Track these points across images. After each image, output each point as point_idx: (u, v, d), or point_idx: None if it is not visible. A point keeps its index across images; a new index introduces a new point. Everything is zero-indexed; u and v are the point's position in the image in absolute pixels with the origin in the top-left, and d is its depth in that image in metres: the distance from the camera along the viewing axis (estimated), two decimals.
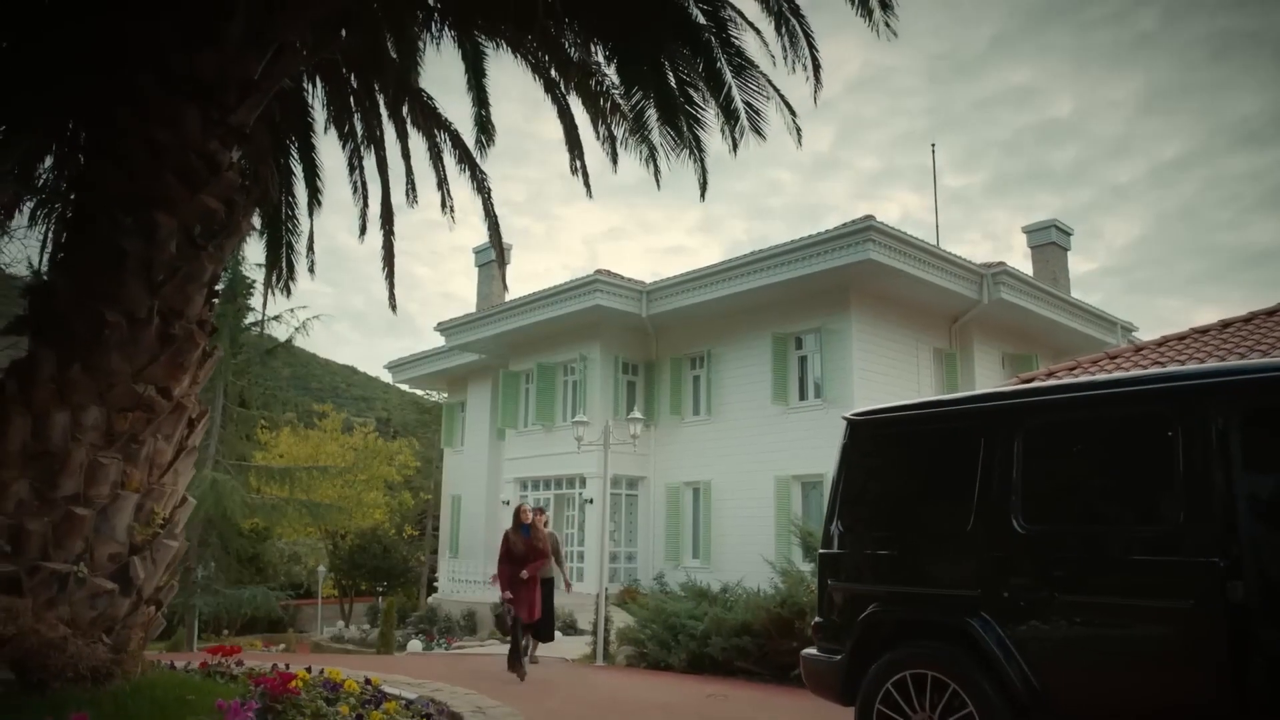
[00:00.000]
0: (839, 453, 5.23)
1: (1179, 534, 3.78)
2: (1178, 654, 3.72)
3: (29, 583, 4.08)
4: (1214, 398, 3.80)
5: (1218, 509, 3.68)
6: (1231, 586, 3.56)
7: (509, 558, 9.11)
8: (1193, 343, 11.87)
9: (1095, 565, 4.04)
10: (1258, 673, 3.45)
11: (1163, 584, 3.78)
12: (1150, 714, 3.82)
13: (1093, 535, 4.12)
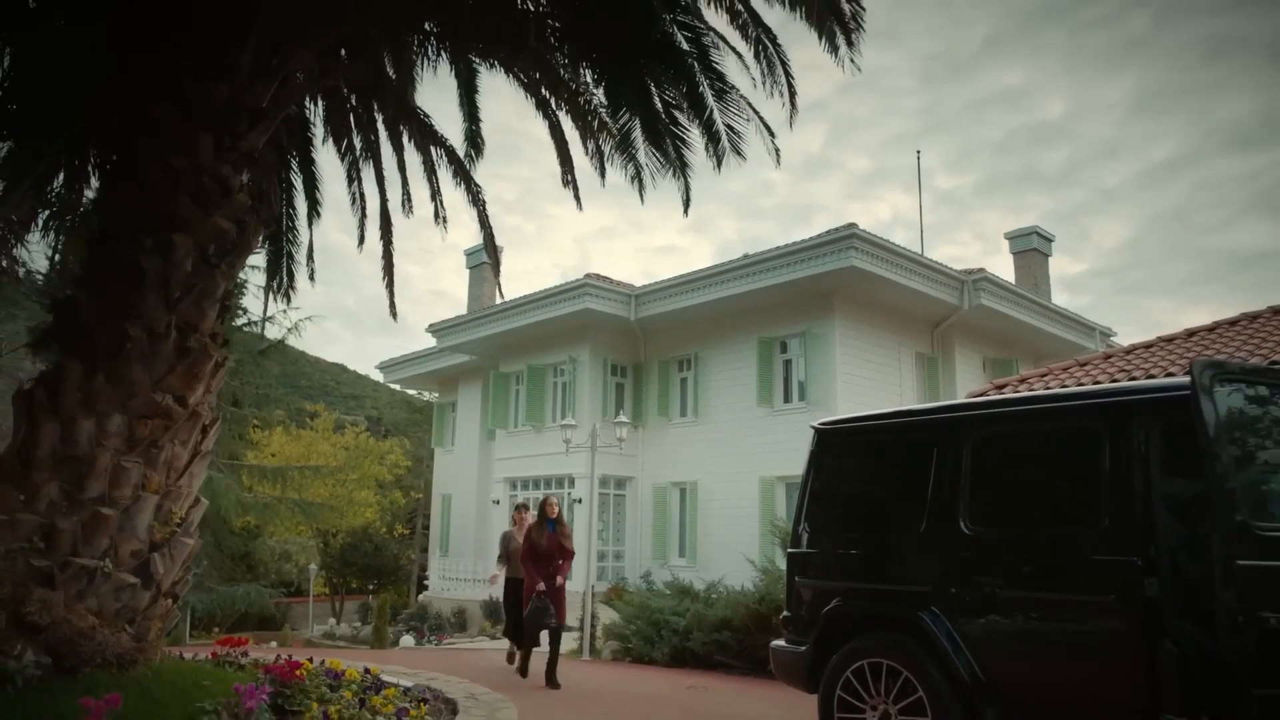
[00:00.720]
0: (807, 458, 5.64)
1: (1104, 536, 4.19)
2: (1101, 644, 4.13)
3: (61, 577, 4.44)
4: (1136, 413, 4.22)
5: (1138, 514, 4.09)
6: (1148, 583, 3.98)
7: (533, 556, 8.41)
8: (1158, 350, 12.33)
9: (1032, 564, 4.46)
10: (1168, 660, 3.87)
11: (1090, 581, 4.20)
12: (1079, 698, 4.23)
13: (1030, 536, 4.54)
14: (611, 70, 7.48)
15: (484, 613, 19.06)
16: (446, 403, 28.32)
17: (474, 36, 7.58)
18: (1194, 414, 3.79)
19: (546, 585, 8.22)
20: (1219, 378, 3.92)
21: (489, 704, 5.15)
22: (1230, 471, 3.80)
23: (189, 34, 5.42)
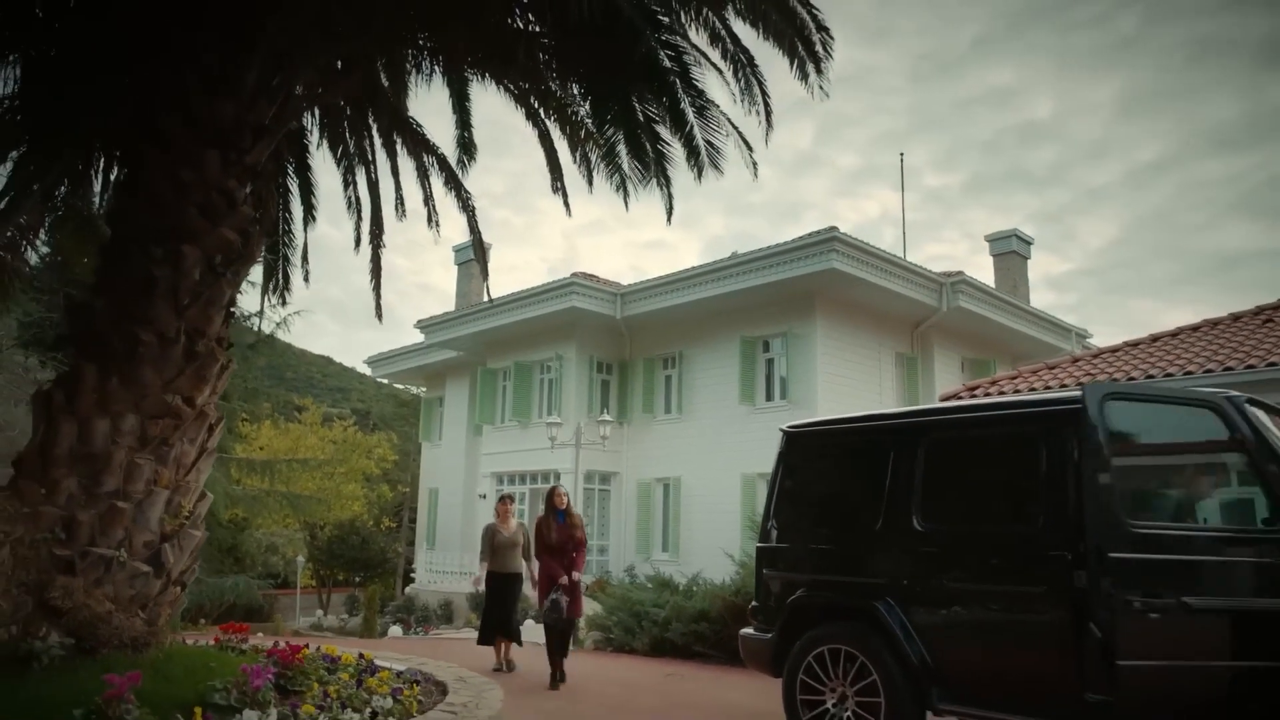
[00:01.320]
0: (776, 459, 6.03)
1: (1040, 532, 4.61)
2: (1036, 631, 4.54)
3: (80, 565, 4.79)
4: (1068, 421, 4.63)
5: (1069, 512, 4.50)
6: (1076, 575, 4.39)
7: (546, 550, 8.02)
8: (1123, 354, 12.80)
9: (976, 558, 4.87)
10: (1092, 644, 4.28)
11: (1026, 573, 4.61)
12: (1016, 681, 4.64)
13: (975, 533, 4.95)
14: (597, 87, 7.83)
15: (470, 605, 19.40)
16: (434, 397, 28.62)
17: (467, 52, 7.91)
18: (1083, 428, 4.27)
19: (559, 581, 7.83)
20: (1108, 397, 4.37)
21: (476, 685, 5.52)
22: (1109, 477, 4.33)
23: (197, 54, 5.74)
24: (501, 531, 9.02)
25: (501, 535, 8.98)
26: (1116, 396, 4.50)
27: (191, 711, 4.13)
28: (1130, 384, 4.68)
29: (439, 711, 4.75)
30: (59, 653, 4.47)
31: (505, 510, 9.35)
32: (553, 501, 8.28)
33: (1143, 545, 4.21)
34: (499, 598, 8.87)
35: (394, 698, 4.85)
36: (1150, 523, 4.37)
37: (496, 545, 8.94)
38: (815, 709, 5.25)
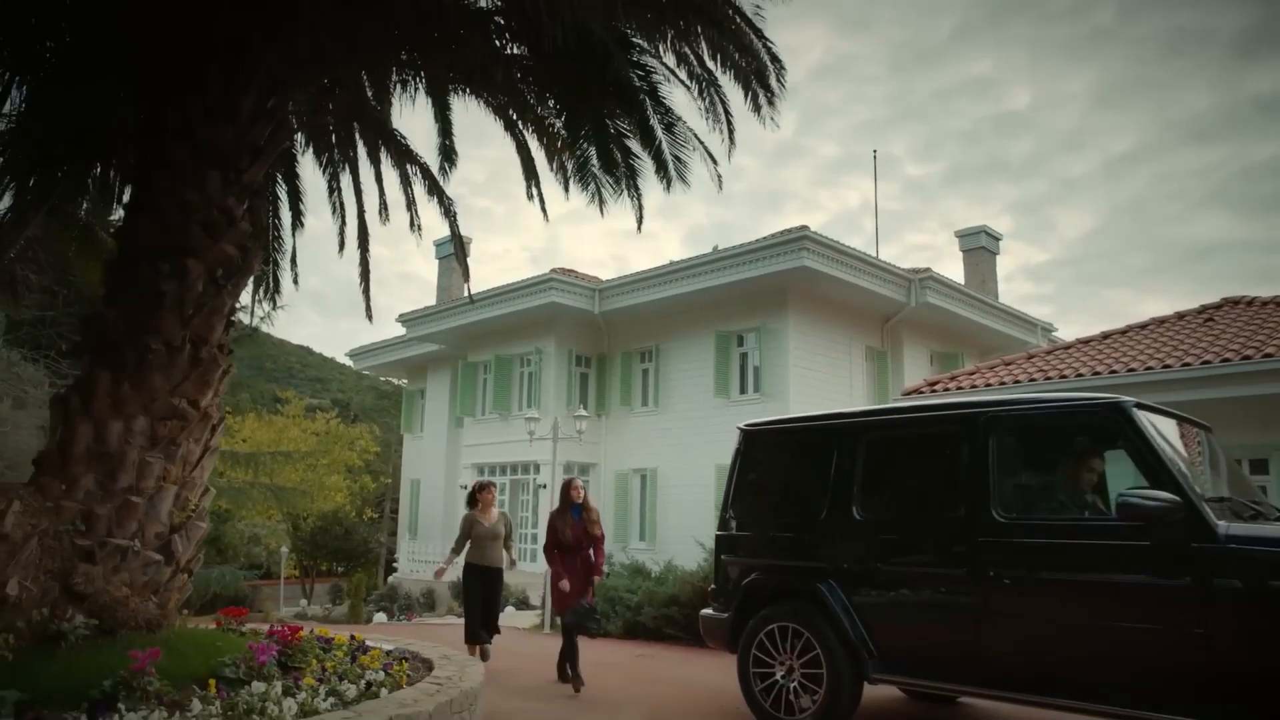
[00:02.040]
0: (733, 454, 6.61)
1: (961, 520, 5.20)
2: (955, 608, 5.14)
3: (100, 554, 5.28)
4: (986, 422, 5.22)
5: (985, 502, 5.10)
6: (992, 559, 4.99)
7: (559, 546, 7.65)
8: (1075, 352, 13.47)
9: (906, 544, 5.47)
10: (999, 620, 4.89)
11: (949, 557, 5.21)
12: (939, 650, 5.24)
13: (906, 521, 5.55)
14: (571, 104, 8.32)
15: (452, 593, 19.92)
16: (415, 390, 29.04)
17: (448, 72, 8.38)
18: (977, 441, 4.91)
19: (576, 581, 7.51)
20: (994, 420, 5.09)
21: (459, 662, 6.05)
22: (991, 479, 5.08)
23: (202, 85, 6.20)
24: (482, 521, 8.40)
25: (482, 525, 8.38)
26: (1000, 413, 5.21)
27: (205, 683, 4.65)
28: (1033, 395, 5.37)
29: (426, 683, 5.29)
30: (84, 632, 4.96)
31: (487, 499, 8.67)
32: (569, 495, 7.78)
33: (1027, 532, 4.86)
34: (481, 593, 8.34)
35: (385, 671, 5.37)
36: (1037, 515, 5.02)
37: (476, 536, 8.38)
38: (766, 680, 5.84)
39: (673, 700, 6.81)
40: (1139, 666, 4.46)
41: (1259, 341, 10.98)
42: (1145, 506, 4.34)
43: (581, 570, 7.68)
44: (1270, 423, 10.86)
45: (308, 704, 4.49)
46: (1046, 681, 4.78)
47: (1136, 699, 4.44)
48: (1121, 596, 4.59)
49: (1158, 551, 4.43)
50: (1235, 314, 12.93)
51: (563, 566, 7.55)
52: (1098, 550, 4.70)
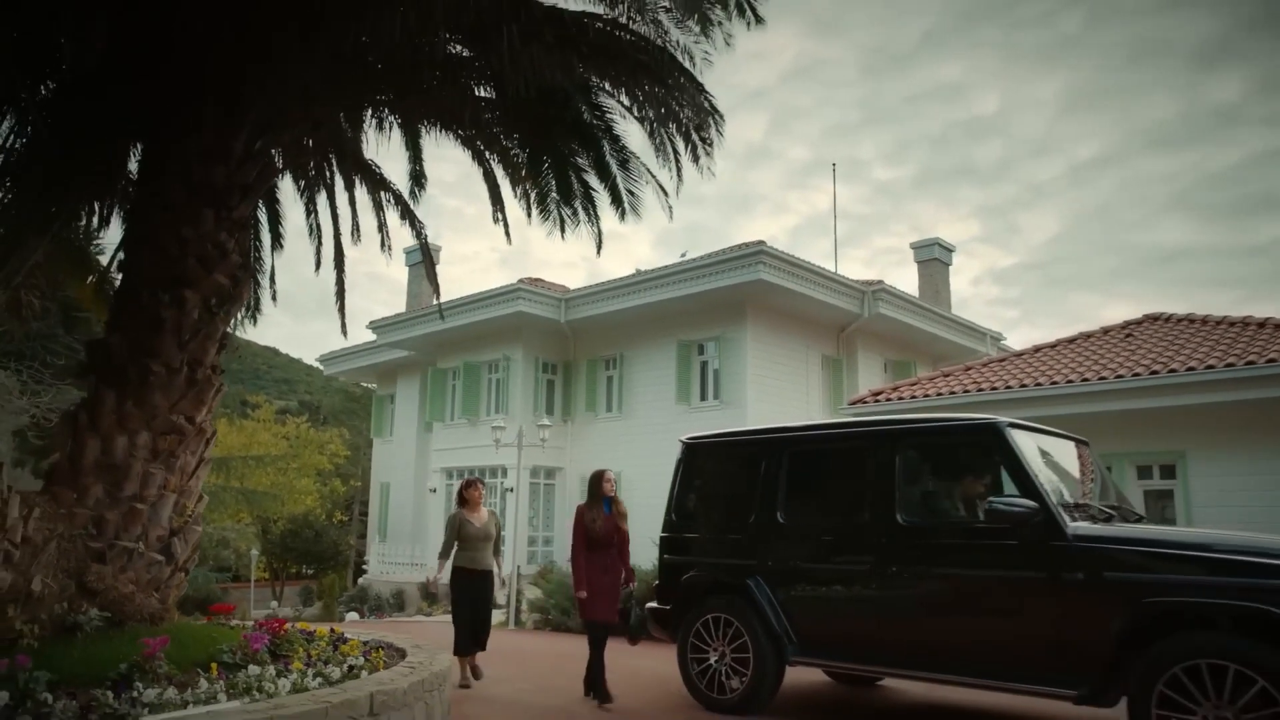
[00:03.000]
0: (676, 464, 7.39)
1: (869, 523, 6.02)
2: (863, 600, 5.96)
3: (109, 555, 5.93)
4: (888, 438, 6.05)
5: (890, 507, 5.92)
6: (893, 556, 5.81)
7: (589, 543, 7.05)
8: (1009, 365, 14.43)
9: (823, 544, 6.28)
10: (898, 609, 5.71)
11: (858, 556, 6.02)
12: (850, 638, 6.05)
13: (823, 524, 6.36)
14: (534, 142, 9.06)
15: (421, 594, 20.56)
16: (385, 394, 29.57)
17: (421, 111, 9.09)
18: (883, 455, 5.77)
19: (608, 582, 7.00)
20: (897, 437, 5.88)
21: (430, 651, 6.75)
22: (895, 488, 5.89)
23: (196, 127, 6.88)
24: (472, 521, 7.74)
25: (472, 526, 7.73)
26: (907, 431, 6.05)
27: (207, 667, 5.34)
28: (930, 415, 6.24)
29: (401, 667, 6.00)
30: (97, 624, 5.62)
31: (476, 496, 8.02)
32: (601, 487, 7.16)
33: (923, 533, 5.70)
34: (471, 600, 7.72)
35: (364, 657, 6.08)
36: (931, 518, 5.86)
37: (466, 538, 7.71)
38: (701, 664, 6.64)
39: (622, 684, 7.57)
40: (1010, 645, 5.30)
41: (1167, 357, 11.98)
42: (1009, 511, 5.17)
43: (612, 569, 7.09)
44: (1176, 431, 11.86)
45: (298, 683, 5.20)
46: (938, 660, 5.61)
47: (1008, 673, 5.29)
48: (996, 587, 5.44)
49: (1022, 549, 5.27)
50: (1154, 330, 13.96)
51: (590, 566, 6.96)
52: (978, 548, 5.54)
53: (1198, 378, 11.03)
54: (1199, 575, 4.71)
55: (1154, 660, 4.65)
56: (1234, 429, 11.39)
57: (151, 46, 6.60)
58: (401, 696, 5.27)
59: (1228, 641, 4.47)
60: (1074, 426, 12.06)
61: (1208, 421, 11.54)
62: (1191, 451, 11.77)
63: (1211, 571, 4.68)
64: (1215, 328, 13.02)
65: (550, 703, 7.00)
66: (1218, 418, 11.45)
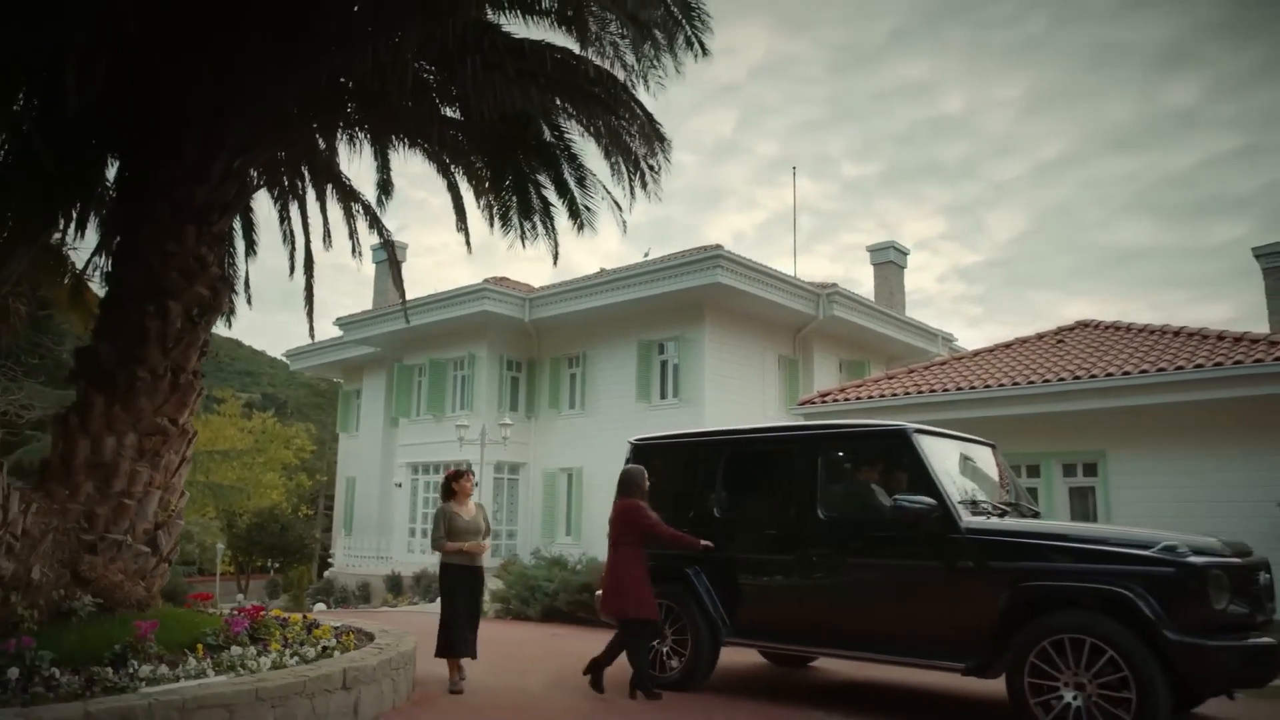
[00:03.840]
0: (624, 463, 8.02)
1: (794, 519, 6.71)
2: (788, 587, 6.65)
3: (100, 547, 6.47)
4: (812, 442, 6.74)
5: (812, 504, 6.62)
6: (814, 548, 6.51)
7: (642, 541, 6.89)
8: (948, 368, 15.24)
9: (755, 537, 6.95)
10: (819, 595, 6.42)
11: (785, 547, 6.71)
12: (775, 620, 6.73)
13: (755, 519, 7.04)
14: (497, 160, 9.65)
15: (386, 586, 21.06)
16: (352, 390, 29.91)
17: (390, 128, 9.63)
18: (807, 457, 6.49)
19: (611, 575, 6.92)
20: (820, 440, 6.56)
21: (396, 635, 7.35)
22: (817, 487, 6.59)
23: (179, 152, 7.40)
24: (461, 514, 7.27)
25: (461, 519, 7.23)
26: (829, 434, 6.75)
27: (193, 648, 5.89)
28: (849, 421, 6.96)
29: (370, 648, 6.60)
30: (90, 610, 6.16)
31: (465, 487, 7.48)
32: (644, 486, 7.07)
33: (841, 527, 6.42)
34: (465, 599, 7.19)
35: (336, 639, 6.67)
36: (849, 514, 6.57)
37: (457, 531, 7.18)
38: None
39: (575, 667, 8.21)
40: (912, 625, 6.02)
41: (1091, 363, 12.84)
42: (911, 508, 5.88)
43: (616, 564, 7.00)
44: (1098, 432, 12.73)
45: (278, 661, 5.79)
46: (852, 640, 6.33)
47: (909, 650, 6.01)
48: (901, 575, 6.15)
49: (924, 541, 5.98)
50: (1084, 336, 14.84)
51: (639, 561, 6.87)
52: (887, 541, 6.25)
53: (1115, 383, 11.89)
54: (1067, 563, 5.44)
55: (1027, 636, 5.38)
56: (1149, 431, 12.26)
57: (140, 80, 7.10)
58: (371, 672, 5.88)
59: (1085, 619, 5.21)
60: (1006, 427, 12.95)
61: (1126, 423, 12.40)
62: (1111, 451, 12.64)
63: (1077, 559, 5.42)
64: (1138, 335, 13.91)
65: (503, 683, 7.60)
66: (1135, 420, 12.32)
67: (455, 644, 7.06)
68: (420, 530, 24.15)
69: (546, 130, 9.59)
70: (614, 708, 6.53)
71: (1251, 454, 11.35)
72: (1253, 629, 5.15)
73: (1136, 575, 5.14)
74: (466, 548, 7.16)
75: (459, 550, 7.13)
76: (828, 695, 7.18)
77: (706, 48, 8.48)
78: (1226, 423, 11.61)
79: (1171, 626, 4.94)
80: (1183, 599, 4.98)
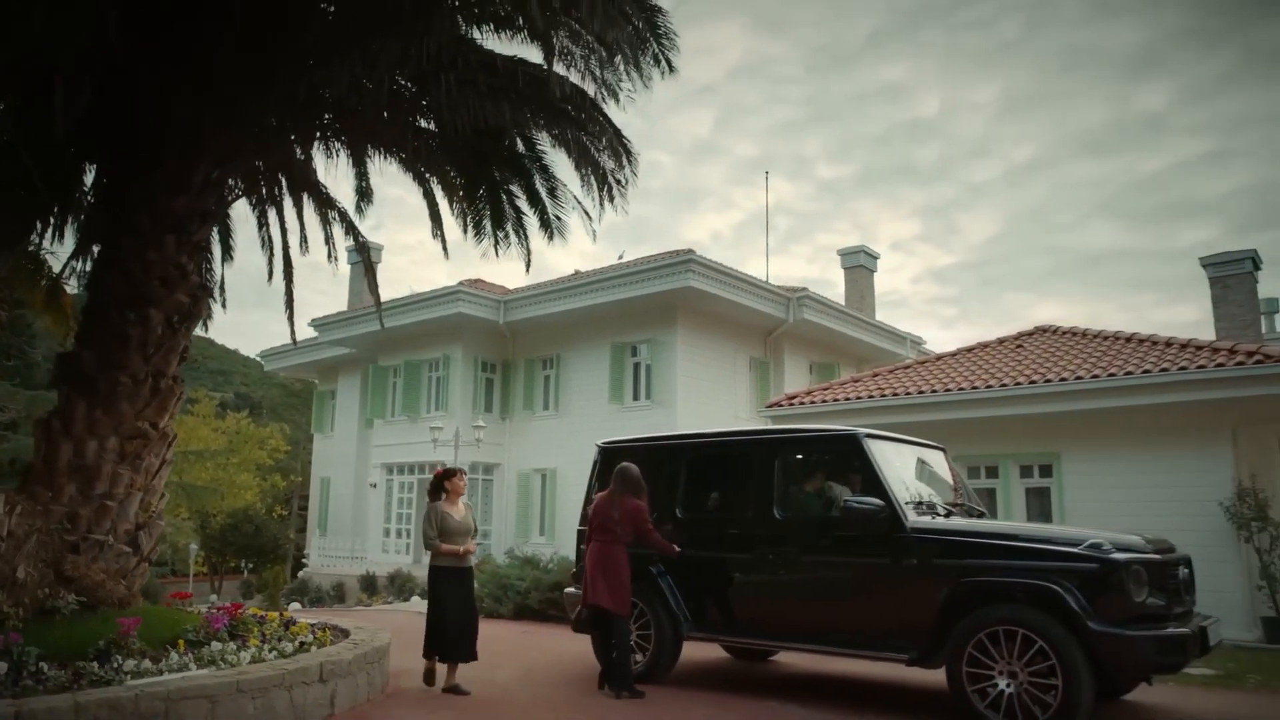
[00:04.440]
0: (592, 465, 8.35)
1: (751, 519, 7.05)
2: (745, 583, 6.99)
3: (83, 547, 6.68)
4: (770, 445, 7.09)
5: (769, 505, 6.96)
6: (771, 546, 6.85)
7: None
8: (911, 372, 15.66)
9: (713, 536, 7.29)
10: (774, 591, 6.76)
11: (743, 546, 7.05)
12: (733, 615, 7.07)
13: (715, 519, 7.38)
14: (471, 172, 9.93)
15: (361, 586, 21.22)
16: (326, 390, 29.97)
17: (367, 140, 9.87)
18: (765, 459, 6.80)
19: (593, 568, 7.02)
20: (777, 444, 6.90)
21: (370, 631, 7.61)
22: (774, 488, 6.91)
23: (160, 162, 7.61)
24: (452, 515, 7.17)
25: (453, 519, 7.14)
26: (783, 438, 7.09)
27: (174, 644, 6.13)
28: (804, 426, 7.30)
29: (346, 643, 6.86)
30: (73, 608, 6.37)
31: (458, 486, 7.34)
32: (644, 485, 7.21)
33: (796, 526, 6.77)
34: (455, 601, 7.05)
35: (313, 635, 6.93)
36: (804, 514, 6.92)
37: (447, 532, 7.09)
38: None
39: (544, 662, 8.54)
40: (861, 619, 6.38)
41: (1047, 368, 13.30)
42: (860, 508, 6.24)
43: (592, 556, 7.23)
44: (1053, 434, 13.19)
45: (257, 656, 6.05)
46: (806, 633, 6.68)
47: (859, 642, 6.37)
48: (852, 572, 6.51)
49: (873, 540, 6.34)
50: (1042, 341, 15.32)
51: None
52: (839, 539, 6.61)
53: (1069, 387, 12.34)
54: (1004, 559, 5.82)
55: (966, 628, 5.76)
56: (1102, 433, 12.73)
57: (122, 93, 7.31)
58: (347, 666, 6.16)
59: (1018, 612, 5.59)
60: (966, 429, 13.39)
61: (1080, 426, 12.87)
62: (1065, 453, 13.11)
63: (1012, 557, 5.79)
64: (1093, 341, 14.40)
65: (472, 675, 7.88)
66: (1089, 423, 12.78)
67: (443, 648, 7.01)
68: (395, 531, 24.32)
69: (519, 142, 9.90)
70: (577, 701, 6.83)
71: (1196, 456, 11.84)
72: (1170, 620, 5.55)
73: (1064, 571, 5.52)
74: (463, 551, 7.13)
75: (454, 553, 7.05)
76: (786, 687, 7.53)
77: (673, 65, 8.79)
78: (1173, 426, 12.10)
79: (1094, 617, 5.32)
80: (1105, 592, 5.37)
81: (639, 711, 6.45)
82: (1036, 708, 5.41)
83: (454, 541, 7.09)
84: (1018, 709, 5.48)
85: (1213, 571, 11.12)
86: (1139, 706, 6.64)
